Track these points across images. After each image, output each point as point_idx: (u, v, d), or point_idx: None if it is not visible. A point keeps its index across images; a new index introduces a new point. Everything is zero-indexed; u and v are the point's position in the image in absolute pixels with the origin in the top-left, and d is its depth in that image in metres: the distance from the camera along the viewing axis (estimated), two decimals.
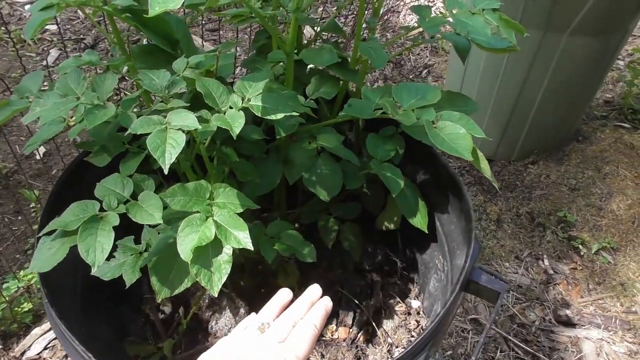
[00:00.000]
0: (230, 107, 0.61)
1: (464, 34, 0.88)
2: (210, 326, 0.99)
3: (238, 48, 2.33)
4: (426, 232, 0.89)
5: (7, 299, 1.38)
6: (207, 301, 1.00)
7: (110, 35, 0.73)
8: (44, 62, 2.35)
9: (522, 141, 1.84)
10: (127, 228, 0.73)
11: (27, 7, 2.73)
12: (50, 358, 1.41)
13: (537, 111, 1.72)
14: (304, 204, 1.02)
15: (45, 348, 1.43)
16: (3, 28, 2.57)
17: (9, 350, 1.42)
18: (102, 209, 0.61)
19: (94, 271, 0.77)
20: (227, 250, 0.60)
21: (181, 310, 1.01)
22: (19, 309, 1.43)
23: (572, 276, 1.60)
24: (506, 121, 1.78)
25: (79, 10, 2.75)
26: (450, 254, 0.90)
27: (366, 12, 0.87)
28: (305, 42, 0.97)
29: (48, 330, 1.45)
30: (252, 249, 0.60)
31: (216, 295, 0.60)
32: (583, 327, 1.47)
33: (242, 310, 0.97)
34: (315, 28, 0.93)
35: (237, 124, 0.57)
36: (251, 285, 0.99)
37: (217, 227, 0.60)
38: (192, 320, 1.01)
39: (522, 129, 1.80)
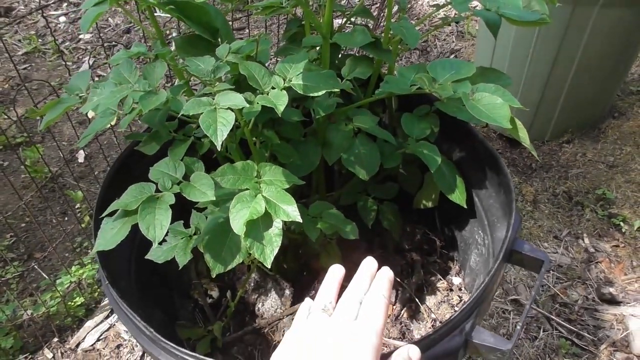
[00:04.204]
0: (273, 88, 0.64)
1: (494, 9, 0.89)
2: (257, 308, 1.02)
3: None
4: (465, 207, 0.90)
5: (61, 294, 1.45)
6: (252, 284, 1.04)
7: (148, 30, 0.77)
8: (80, 69, 2.44)
9: (556, 120, 1.82)
10: (176, 214, 0.77)
11: (61, 18, 2.83)
12: (104, 349, 1.48)
13: (570, 88, 1.70)
14: (341, 187, 1.04)
15: (98, 340, 1.49)
16: (40, 40, 2.68)
17: (65, 342, 1.49)
18: (157, 190, 0.65)
19: (150, 254, 0.82)
20: (277, 224, 0.63)
21: (228, 293, 1.05)
22: (72, 303, 1.50)
23: (614, 254, 1.58)
24: (538, 100, 1.76)
25: (109, 18, 2.82)
26: (491, 228, 0.91)
27: None
28: (336, 29, 0.99)
29: (100, 323, 1.51)
30: (300, 221, 0.63)
31: (269, 266, 0.63)
32: (629, 305, 1.45)
33: (287, 292, 1.00)
34: (346, 13, 0.95)
35: (281, 102, 0.60)
36: (294, 268, 1.02)
37: (266, 202, 0.63)
38: (239, 304, 1.04)
39: (554, 107, 1.78)
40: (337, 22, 2.25)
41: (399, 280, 1.02)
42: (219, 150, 0.55)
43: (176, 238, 0.81)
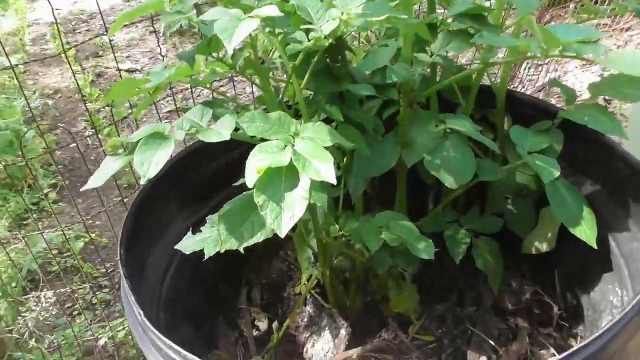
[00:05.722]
0: (327, 21, 0.51)
1: None
2: (305, 349, 0.82)
3: None
4: (594, 246, 0.64)
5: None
6: (305, 320, 0.85)
7: None
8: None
9: None
10: None
11: None
12: None
13: None
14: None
15: None
16: (184, 102, 2.92)
17: None
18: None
19: (179, 244, 0.70)
20: (304, 184, 0.47)
21: (275, 324, 0.87)
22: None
23: None
24: None
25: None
26: (632, 279, 0.63)
27: None
28: None
29: None
30: (334, 182, 0.46)
31: (282, 236, 0.46)
32: None
33: (342, 332, 0.79)
34: None
35: (327, 28, 0.47)
36: (357, 305, 0.82)
37: (294, 155, 0.48)
38: (287, 342, 0.86)
39: None
40: None
41: (493, 344, 0.75)
42: (230, 53, 0.43)
43: (212, 230, 0.69)
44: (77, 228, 1.86)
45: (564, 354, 0.44)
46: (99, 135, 2.21)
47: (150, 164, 0.48)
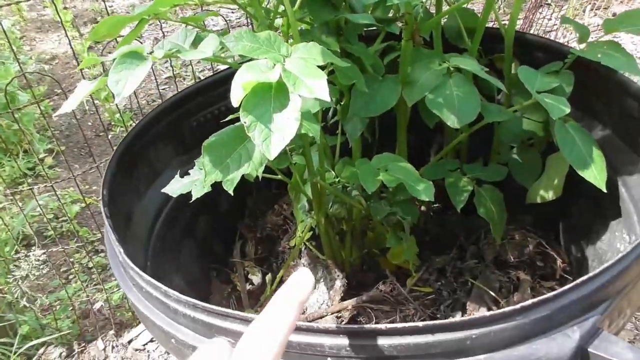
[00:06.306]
0: None
1: None
2: None
3: None
4: (604, 190, 0.61)
5: None
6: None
7: None
8: None
9: None
10: None
11: None
12: (154, 351, 1.35)
13: None
14: None
15: (151, 340, 1.37)
16: (183, 68, 2.85)
17: (119, 337, 1.39)
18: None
19: (166, 188, 0.67)
20: (295, 105, 0.44)
21: (268, 277, 0.85)
22: None
23: None
24: None
25: None
26: None
27: None
28: None
29: None
30: (328, 99, 0.43)
31: (272, 158, 0.43)
32: None
33: (337, 283, 0.76)
34: None
35: None
36: (354, 258, 0.79)
37: (284, 72, 0.44)
38: None
39: None
40: None
41: (494, 296, 0.73)
42: None
43: (201, 172, 0.66)
44: (73, 192, 1.83)
45: (571, 284, 0.41)
46: (96, 101, 2.17)
47: (127, 82, 0.45)
